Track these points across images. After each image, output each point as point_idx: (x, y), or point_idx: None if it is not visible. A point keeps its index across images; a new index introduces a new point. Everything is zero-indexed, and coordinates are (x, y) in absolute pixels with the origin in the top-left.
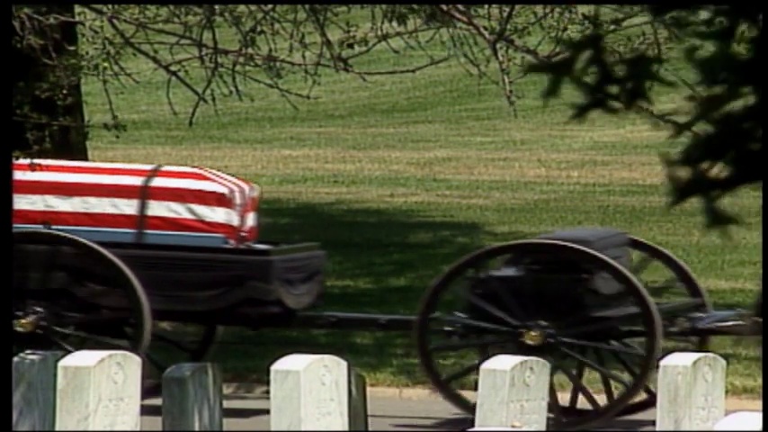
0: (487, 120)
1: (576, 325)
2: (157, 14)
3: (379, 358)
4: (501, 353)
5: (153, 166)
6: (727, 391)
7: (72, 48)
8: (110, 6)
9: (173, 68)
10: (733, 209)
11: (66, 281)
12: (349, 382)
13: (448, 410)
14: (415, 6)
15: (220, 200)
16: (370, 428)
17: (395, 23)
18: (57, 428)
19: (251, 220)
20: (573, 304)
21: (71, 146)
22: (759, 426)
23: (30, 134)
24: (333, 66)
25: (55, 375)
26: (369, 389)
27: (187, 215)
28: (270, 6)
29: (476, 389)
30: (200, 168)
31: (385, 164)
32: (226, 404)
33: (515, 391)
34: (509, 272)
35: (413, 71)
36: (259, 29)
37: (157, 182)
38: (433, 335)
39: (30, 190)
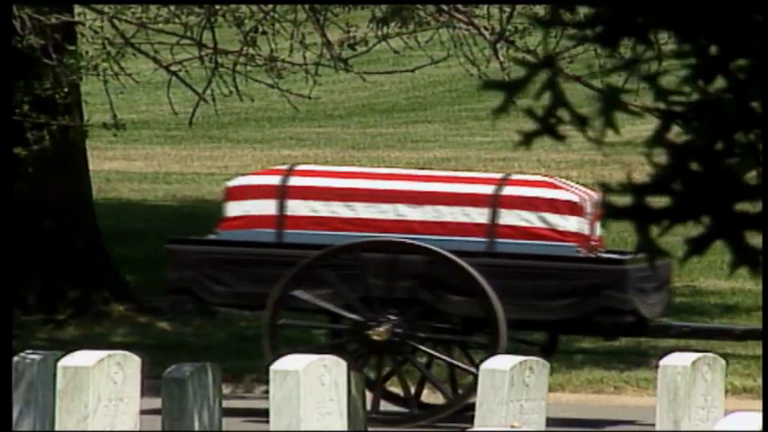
0: (487, 120)
1: None
2: (158, 15)
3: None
4: None
5: (503, 175)
6: (726, 391)
7: (72, 47)
8: (110, 6)
9: (173, 68)
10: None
11: (419, 290)
12: (348, 383)
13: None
14: (417, 7)
15: (573, 208)
16: (369, 428)
17: (394, 24)
18: (56, 428)
19: (599, 228)
20: None
21: (70, 145)
22: (759, 426)
23: (29, 133)
24: (333, 66)
25: (55, 375)
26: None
27: (539, 224)
28: (270, 7)
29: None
30: (551, 177)
31: (384, 164)
32: (225, 404)
33: (515, 391)
34: None
35: (412, 71)
36: (260, 29)
37: (509, 190)
38: None
39: (382, 199)
